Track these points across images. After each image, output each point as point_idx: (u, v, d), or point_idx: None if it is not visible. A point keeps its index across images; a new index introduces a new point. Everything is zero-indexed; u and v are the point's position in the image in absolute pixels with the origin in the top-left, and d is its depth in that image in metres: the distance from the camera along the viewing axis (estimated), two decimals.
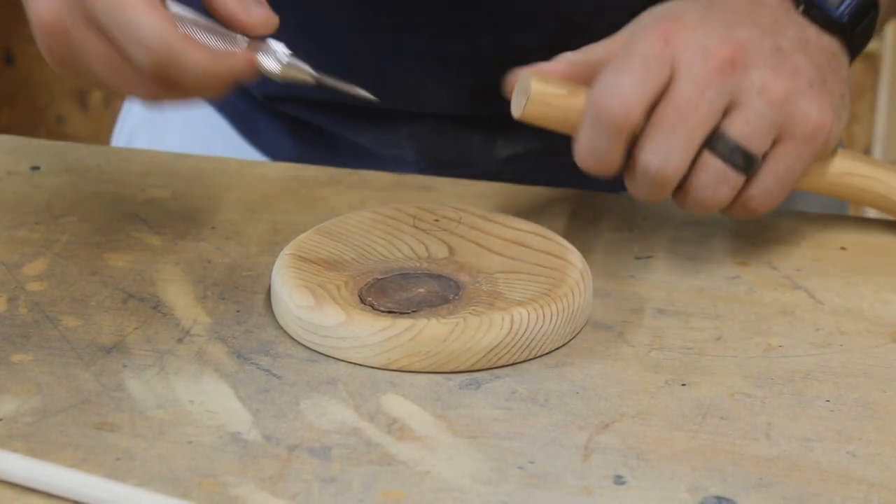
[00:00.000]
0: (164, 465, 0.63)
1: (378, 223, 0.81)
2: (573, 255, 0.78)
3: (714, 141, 0.76)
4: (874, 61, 2.33)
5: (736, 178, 0.77)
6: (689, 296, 0.80)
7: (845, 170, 0.84)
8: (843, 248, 0.86)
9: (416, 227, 0.81)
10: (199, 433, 0.65)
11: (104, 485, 0.61)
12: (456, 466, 0.64)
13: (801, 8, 0.81)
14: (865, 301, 0.80)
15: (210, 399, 0.68)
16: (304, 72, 0.76)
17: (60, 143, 0.95)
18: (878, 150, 2.33)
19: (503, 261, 0.78)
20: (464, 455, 0.65)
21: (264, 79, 0.77)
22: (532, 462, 0.64)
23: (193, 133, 1.08)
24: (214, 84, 0.72)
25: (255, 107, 1.06)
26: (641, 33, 0.77)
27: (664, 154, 0.75)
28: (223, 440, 0.65)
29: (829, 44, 0.80)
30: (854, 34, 0.82)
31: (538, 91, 0.78)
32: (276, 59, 0.76)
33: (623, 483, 0.63)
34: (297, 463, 0.64)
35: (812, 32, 0.80)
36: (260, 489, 0.62)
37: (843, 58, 0.81)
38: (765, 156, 0.78)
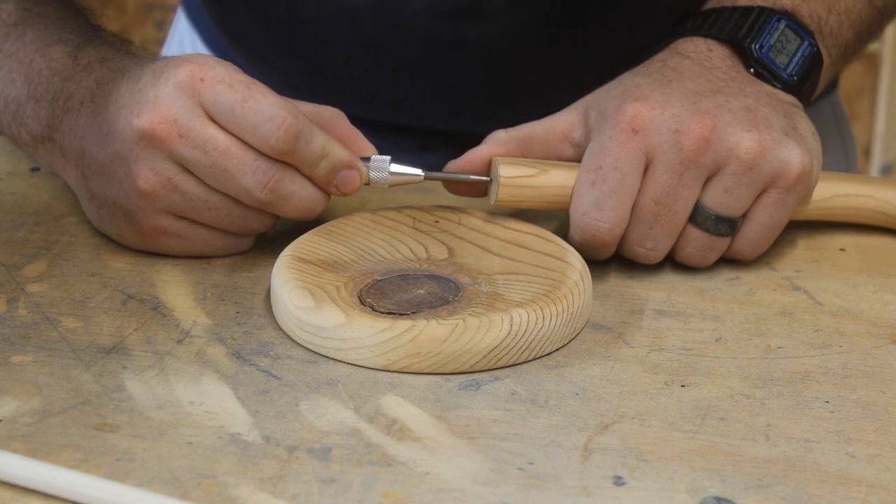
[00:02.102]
0: (163, 465, 0.63)
1: (378, 224, 0.81)
2: (573, 256, 0.78)
3: (697, 215, 0.79)
4: (874, 61, 2.32)
5: (722, 243, 0.80)
6: (688, 297, 0.80)
7: (833, 192, 0.85)
8: (842, 250, 0.86)
9: (415, 229, 0.81)
10: (198, 434, 0.66)
11: (104, 485, 0.61)
12: (455, 467, 0.64)
13: (752, 71, 0.83)
14: (865, 302, 0.80)
15: (210, 400, 0.68)
16: (411, 174, 0.80)
17: None
18: (878, 150, 2.32)
19: (503, 262, 0.78)
20: (463, 456, 0.65)
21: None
22: (532, 463, 0.64)
23: None
24: (327, 173, 0.77)
25: None
26: (606, 128, 0.78)
27: (651, 244, 0.79)
28: (223, 441, 0.65)
29: (785, 96, 0.82)
30: (803, 90, 0.84)
31: (507, 175, 0.79)
32: (379, 168, 0.80)
33: (622, 484, 0.63)
34: (297, 464, 0.64)
35: (768, 88, 0.82)
36: (260, 490, 0.62)
37: (800, 105, 0.83)
38: (750, 207, 0.80)
